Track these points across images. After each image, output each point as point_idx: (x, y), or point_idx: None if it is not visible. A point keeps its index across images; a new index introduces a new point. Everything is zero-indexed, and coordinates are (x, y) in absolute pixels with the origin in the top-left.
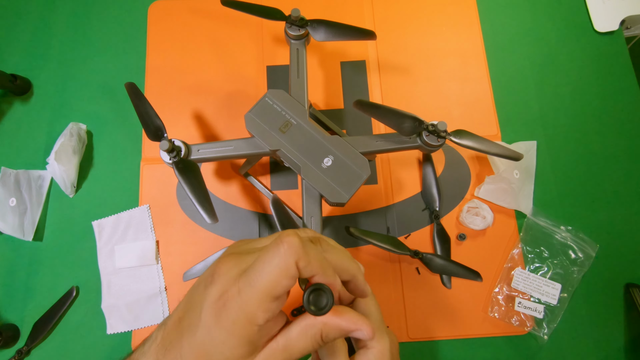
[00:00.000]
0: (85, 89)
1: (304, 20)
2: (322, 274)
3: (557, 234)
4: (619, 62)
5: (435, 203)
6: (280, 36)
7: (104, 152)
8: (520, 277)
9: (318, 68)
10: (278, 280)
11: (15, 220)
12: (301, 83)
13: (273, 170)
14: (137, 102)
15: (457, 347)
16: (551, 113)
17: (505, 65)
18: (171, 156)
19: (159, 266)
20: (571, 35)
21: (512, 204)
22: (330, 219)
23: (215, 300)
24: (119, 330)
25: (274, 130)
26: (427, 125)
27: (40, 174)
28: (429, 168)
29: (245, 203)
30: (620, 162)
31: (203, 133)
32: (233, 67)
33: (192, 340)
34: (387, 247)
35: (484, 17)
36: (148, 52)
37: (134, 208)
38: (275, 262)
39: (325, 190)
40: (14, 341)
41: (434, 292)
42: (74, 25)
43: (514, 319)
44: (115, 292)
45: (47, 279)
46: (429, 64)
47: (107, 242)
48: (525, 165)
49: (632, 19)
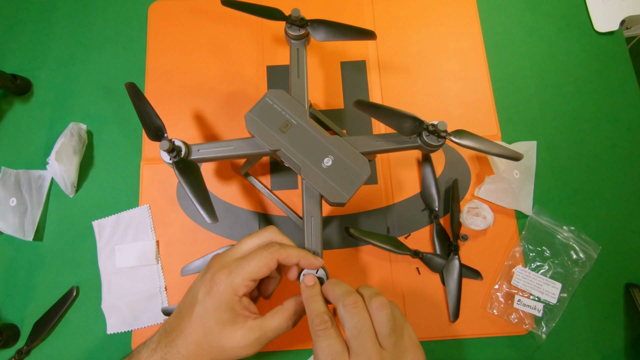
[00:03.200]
0: (85, 89)
1: (304, 20)
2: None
3: (559, 233)
4: (619, 62)
5: (435, 203)
6: (280, 36)
7: (104, 152)
8: (520, 275)
9: (318, 68)
10: (261, 267)
11: (16, 220)
12: (301, 83)
13: (273, 170)
14: (137, 102)
15: (457, 347)
16: (551, 113)
17: (505, 65)
18: (171, 156)
19: (159, 266)
20: (571, 35)
21: (512, 204)
22: (330, 219)
23: (209, 280)
24: (119, 330)
25: (274, 130)
26: (427, 125)
27: (40, 174)
28: (428, 168)
29: (245, 203)
30: (620, 162)
31: (203, 133)
32: (233, 67)
33: (191, 316)
34: (387, 248)
35: (484, 17)
36: (148, 52)
37: (134, 208)
38: (262, 255)
39: (325, 190)
40: (14, 341)
41: (434, 292)
42: (74, 25)
43: (513, 316)
44: (115, 292)
45: (47, 279)
46: (429, 64)
47: (107, 242)
48: (525, 165)
49: (632, 19)
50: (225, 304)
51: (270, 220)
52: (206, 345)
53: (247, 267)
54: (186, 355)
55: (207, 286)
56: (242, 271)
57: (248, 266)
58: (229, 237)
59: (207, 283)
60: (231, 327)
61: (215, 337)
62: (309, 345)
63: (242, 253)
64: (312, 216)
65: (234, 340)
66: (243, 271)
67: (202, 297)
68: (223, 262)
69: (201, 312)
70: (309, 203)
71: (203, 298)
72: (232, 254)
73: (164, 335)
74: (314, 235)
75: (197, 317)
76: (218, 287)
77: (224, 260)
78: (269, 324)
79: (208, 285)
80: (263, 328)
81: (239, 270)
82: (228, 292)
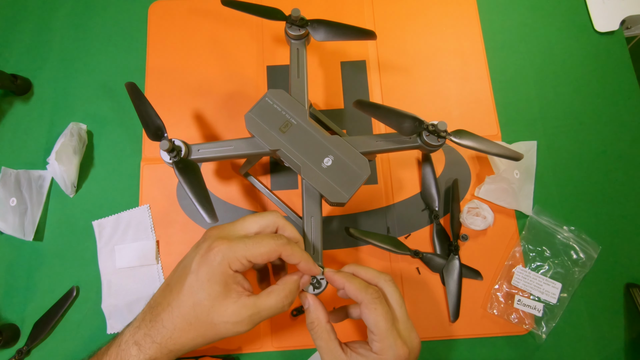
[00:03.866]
0: (85, 89)
1: (304, 20)
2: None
3: (559, 233)
4: (619, 62)
5: (435, 203)
6: (280, 36)
7: (104, 152)
8: (520, 275)
9: (318, 68)
10: (262, 254)
11: (16, 220)
12: (301, 83)
13: (273, 170)
14: (137, 102)
15: (457, 347)
16: (551, 113)
17: (505, 65)
18: (171, 156)
19: (159, 266)
20: (571, 35)
21: (512, 204)
22: (330, 219)
23: (206, 250)
24: (119, 330)
25: (274, 130)
26: (427, 125)
27: (40, 174)
28: (428, 168)
29: (245, 203)
30: (621, 162)
31: (203, 133)
32: (233, 67)
33: (181, 287)
34: (387, 248)
35: (484, 17)
36: (148, 52)
37: (134, 208)
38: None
39: (325, 190)
40: (14, 341)
41: (434, 292)
42: (74, 25)
43: (513, 316)
44: (115, 292)
45: (47, 279)
46: (429, 64)
47: (108, 242)
48: (525, 165)
49: (632, 19)
50: (220, 275)
51: None
52: (193, 318)
53: (250, 247)
54: (171, 330)
55: (202, 255)
56: (244, 247)
57: (252, 247)
58: None
59: (203, 252)
60: (223, 300)
61: (204, 311)
62: (309, 345)
63: (244, 232)
64: (312, 216)
65: (224, 315)
66: (245, 248)
67: (195, 266)
68: (223, 234)
69: (193, 282)
70: (309, 203)
71: (197, 267)
72: (234, 230)
73: (149, 311)
74: (314, 235)
75: (188, 288)
76: (215, 256)
77: (224, 232)
78: (264, 303)
79: (204, 253)
80: (258, 306)
81: (240, 245)
82: (224, 263)
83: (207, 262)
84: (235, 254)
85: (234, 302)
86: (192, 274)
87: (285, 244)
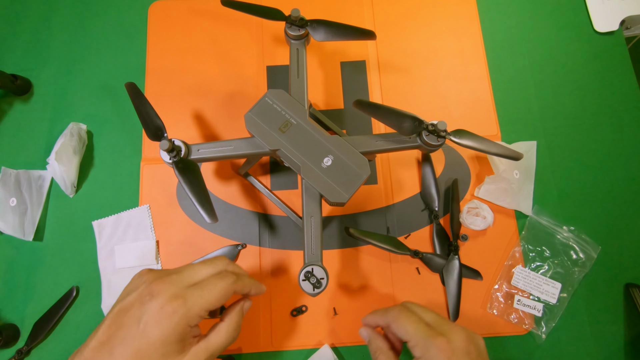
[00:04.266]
0: (85, 89)
1: (304, 21)
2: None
3: (559, 233)
4: (619, 62)
5: (434, 203)
6: (280, 36)
7: (104, 152)
8: (520, 275)
9: (318, 68)
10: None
11: (16, 220)
12: (301, 83)
13: (273, 170)
14: (137, 102)
15: None
16: (551, 113)
17: (505, 65)
18: (171, 156)
19: (159, 266)
20: (571, 35)
21: (512, 204)
22: (330, 219)
23: (159, 310)
24: None
25: (274, 130)
26: (427, 125)
27: (40, 174)
28: (428, 168)
29: (245, 203)
30: (620, 162)
31: (203, 133)
32: (233, 67)
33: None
34: (387, 248)
35: (484, 17)
36: (148, 52)
37: (134, 208)
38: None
39: (325, 190)
40: (14, 341)
41: (434, 292)
42: (74, 25)
43: (513, 316)
44: (115, 292)
45: (47, 279)
46: (429, 64)
47: (107, 242)
48: (525, 165)
49: (632, 19)
50: (178, 336)
51: (270, 220)
52: None
53: (206, 297)
54: None
55: (154, 316)
56: (200, 301)
57: (208, 296)
58: (229, 237)
59: (155, 313)
60: (176, 357)
61: None
62: (309, 345)
63: (194, 280)
64: (312, 216)
65: None
66: (201, 301)
67: (144, 327)
68: (175, 290)
69: (142, 347)
70: (308, 203)
71: (147, 329)
72: (183, 280)
73: None
74: (313, 235)
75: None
76: (172, 318)
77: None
78: (215, 343)
79: (155, 315)
80: (209, 349)
81: (196, 298)
82: (182, 323)
83: (160, 325)
84: (194, 310)
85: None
86: (142, 337)
87: (237, 280)
